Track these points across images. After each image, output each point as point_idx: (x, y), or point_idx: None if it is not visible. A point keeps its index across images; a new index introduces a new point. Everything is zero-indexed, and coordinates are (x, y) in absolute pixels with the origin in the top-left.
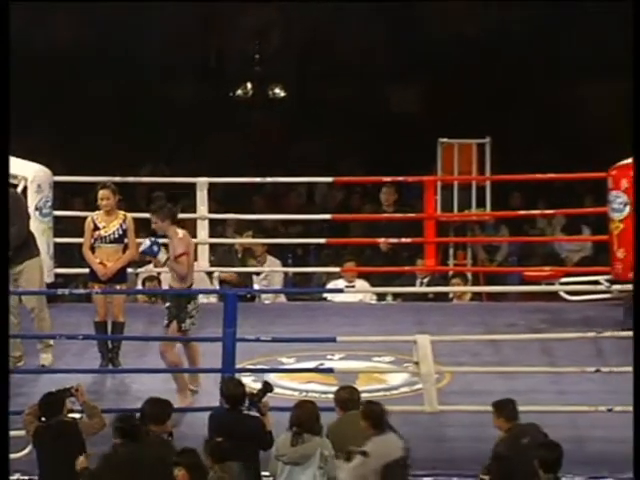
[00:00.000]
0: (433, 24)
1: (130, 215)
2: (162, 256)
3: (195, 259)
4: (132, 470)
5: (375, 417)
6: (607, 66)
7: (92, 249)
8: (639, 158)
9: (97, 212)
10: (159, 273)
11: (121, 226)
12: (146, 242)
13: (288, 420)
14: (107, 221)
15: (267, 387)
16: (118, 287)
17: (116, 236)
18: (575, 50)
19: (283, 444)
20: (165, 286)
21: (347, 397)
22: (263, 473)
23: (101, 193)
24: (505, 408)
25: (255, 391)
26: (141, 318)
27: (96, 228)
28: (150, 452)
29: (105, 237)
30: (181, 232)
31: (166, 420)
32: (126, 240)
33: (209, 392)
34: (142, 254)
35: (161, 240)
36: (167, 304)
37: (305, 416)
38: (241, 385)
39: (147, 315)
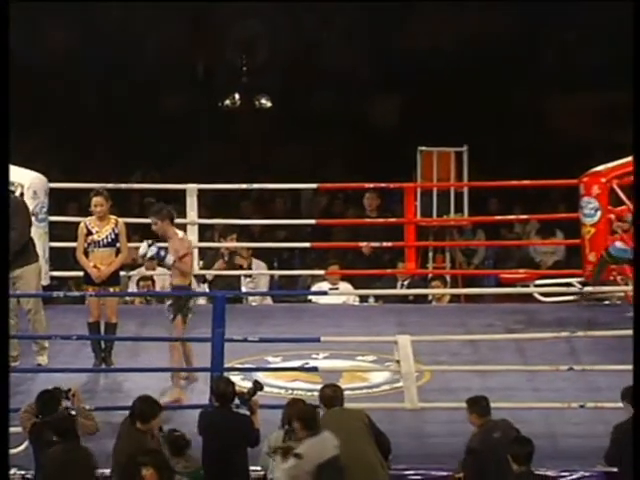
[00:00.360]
0: (411, 39)
1: (121, 220)
2: (169, 258)
3: None
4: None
5: (307, 418)
6: (576, 80)
7: (86, 253)
8: (639, 159)
9: (90, 217)
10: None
11: (113, 231)
12: (144, 245)
13: (280, 418)
14: (100, 226)
15: (257, 386)
16: (112, 289)
17: (109, 240)
18: (547, 65)
19: (276, 440)
20: (158, 287)
21: (331, 394)
22: (253, 468)
23: (94, 200)
24: (477, 404)
25: (245, 390)
26: (134, 319)
27: (89, 233)
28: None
29: (98, 242)
30: (180, 233)
31: (152, 419)
32: (118, 244)
33: (199, 390)
34: (150, 259)
35: (159, 244)
36: (169, 302)
37: (297, 414)
38: (231, 383)
39: (139, 316)
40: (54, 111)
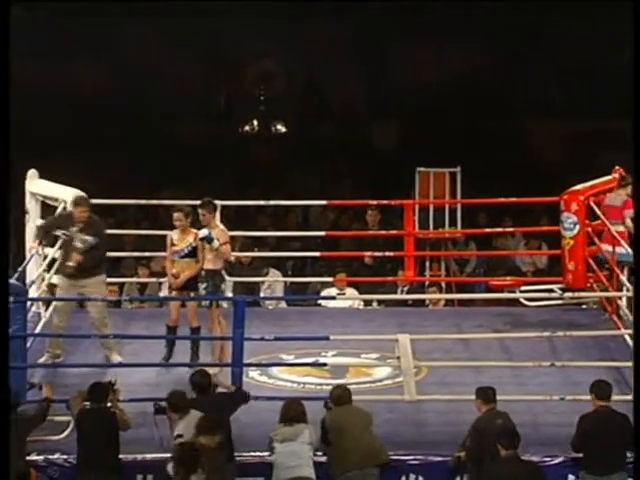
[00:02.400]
0: (409, 73)
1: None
2: (216, 243)
3: None
4: None
5: (175, 402)
6: (553, 109)
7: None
8: (639, 160)
9: (175, 230)
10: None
11: (192, 244)
12: (204, 231)
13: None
14: (181, 239)
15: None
16: (192, 294)
17: (186, 252)
18: (527, 95)
19: (278, 427)
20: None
21: (341, 394)
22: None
23: (175, 215)
24: (484, 392)
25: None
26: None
27: (172, 244)
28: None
29: (179, 252)
30: (221, 225)
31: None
32: (198, 255)
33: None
34: (202, 240)
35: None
36: (204, 285)
37: (293, 412)
38: (207, 375)
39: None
40: (93, 138)
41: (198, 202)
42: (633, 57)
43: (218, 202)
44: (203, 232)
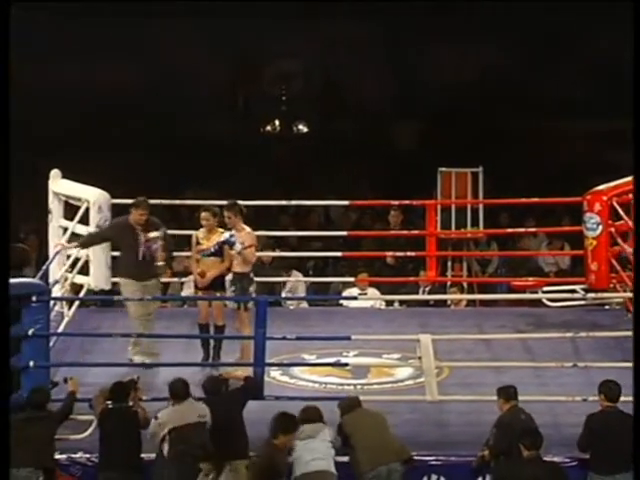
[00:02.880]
0: (429, 72)
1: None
2: (238, 246)
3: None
4: None
5: (173, 392)
6: (575, 108)
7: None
8: (639, 160)
9: (201, 230)
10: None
11: (218, 243)
12: (226, 235)
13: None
14: (207, 238)
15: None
16: (218, 294)
17: (212, 251)
18: (549, 95)
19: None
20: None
21: (349, 402)
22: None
23: (202, 215)
24: (505, 390)
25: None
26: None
27: (198, 243)
28: None
29: (204, 251)
30: (248, 228)
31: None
32: (224, 254)
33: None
34: (223, 244)
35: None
36: (233, 287)
37: (311, 414)
38: (219, 382)
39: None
40: (117, 139)
41: (221, 202)
42: (633, 57)
43: (239, 202)
44: (224, 236)
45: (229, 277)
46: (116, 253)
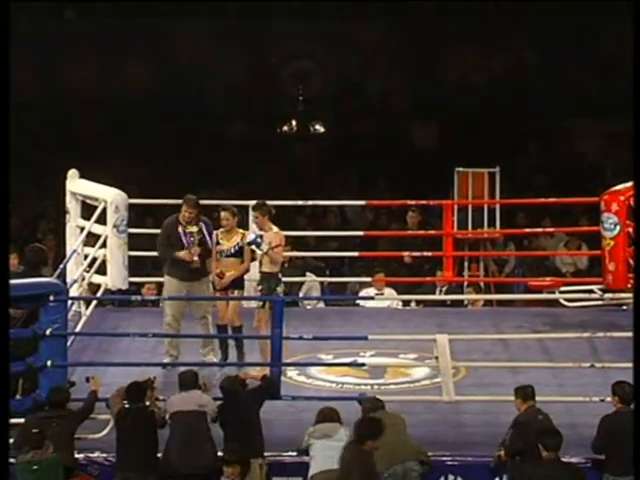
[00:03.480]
0: (447, 72)
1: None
2: (264, 246)
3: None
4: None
5: (181, 382)
6: (591, 109)
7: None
8: (639, 160)
9: (220, 230)
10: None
11: (238, 243)
12: (251, 235)
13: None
14: (227, 238)
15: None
16: (236, 293)
17: (232, 251)
18: (565, 95)
19: (314, 426)
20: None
21: (372, 405)
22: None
23: (222, 214)
24: (523, 390)
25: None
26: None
27: (218, 243)
28: None
29: (224, 251)
30: (275, 228)
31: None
32: (244, 255)
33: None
34: (248, 244)
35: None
36: (260, 287)
37: (328, 414)
38: (236, 382)
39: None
40: (134, 140)
41: (237, 202)
42: (633, 57)
43: (256, 202)
44: (250, 236)
45: (253, 277)
46: (133, 253)
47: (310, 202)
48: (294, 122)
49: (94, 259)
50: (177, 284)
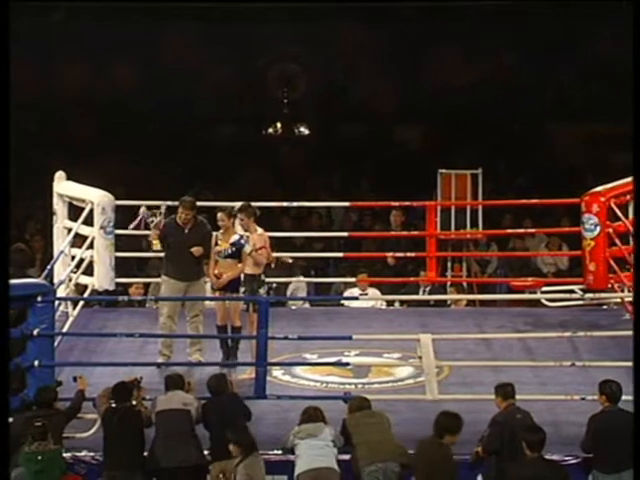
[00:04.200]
0: (431, 75)
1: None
2: (247, 248)
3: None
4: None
5: (167, 383)
6: (571, 112)
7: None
8: (639, 160)
9: (220, 231)
10: None
11: (231, 245)
12: (235, 236)
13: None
14: (224, 239)
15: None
16: (234, 295)
17: (229, 252)
18: (546, 99)
19: (299, 426)
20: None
21: (359, 404)
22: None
23: (218, 216)
24: (503, 388)
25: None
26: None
27: (216, 244)
28: None
29: (221, 252)
30: (260, 230)
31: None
32: (240, 255)
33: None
34: (232, 245)
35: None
36: (243, 289)
37: (312, 414)
38: (223, 380)
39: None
40: (123, 142)
41: (223, 204)
42: (633, 57)
43: (240, 203)
44: (234, 237)
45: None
46: (120, 254)
47: (295, 203)
48: (279, 124)
49: (81, 260)
50: (174, 284)
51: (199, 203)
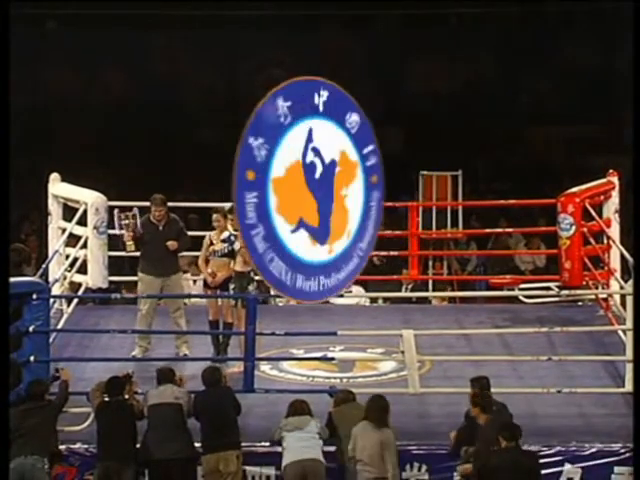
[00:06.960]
0: (414, 80)
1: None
2: (237, 245)
3: None
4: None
5: (158, 376)
6: (547, 116)
7: (207, 261)
8: (639, 160)
9: (213, 231)
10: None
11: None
12: (225, 234)
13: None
14: (219, 239)
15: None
16: (226, 293)
17: (225, 251)
18: (524, 103)
19: (286, 419)
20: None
21: (344, 397)
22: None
23: (214, 216)
24: (478, 381)
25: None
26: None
27: (211, 244)
28: None
29: (216, 251)
30: (231, 229)
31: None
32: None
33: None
34: (223, 242)
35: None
36: (232, 286)
37: (299, 407)
38: (217, 372)
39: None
40: (112, 144)
41: (211, 205)
42: (633, 57)
43: (229, 204)
44: (224, 235)
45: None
46: (112, 253)
47: None
48: None
49: (75, 259)
50: (151, 280)
51: (189, 204)
